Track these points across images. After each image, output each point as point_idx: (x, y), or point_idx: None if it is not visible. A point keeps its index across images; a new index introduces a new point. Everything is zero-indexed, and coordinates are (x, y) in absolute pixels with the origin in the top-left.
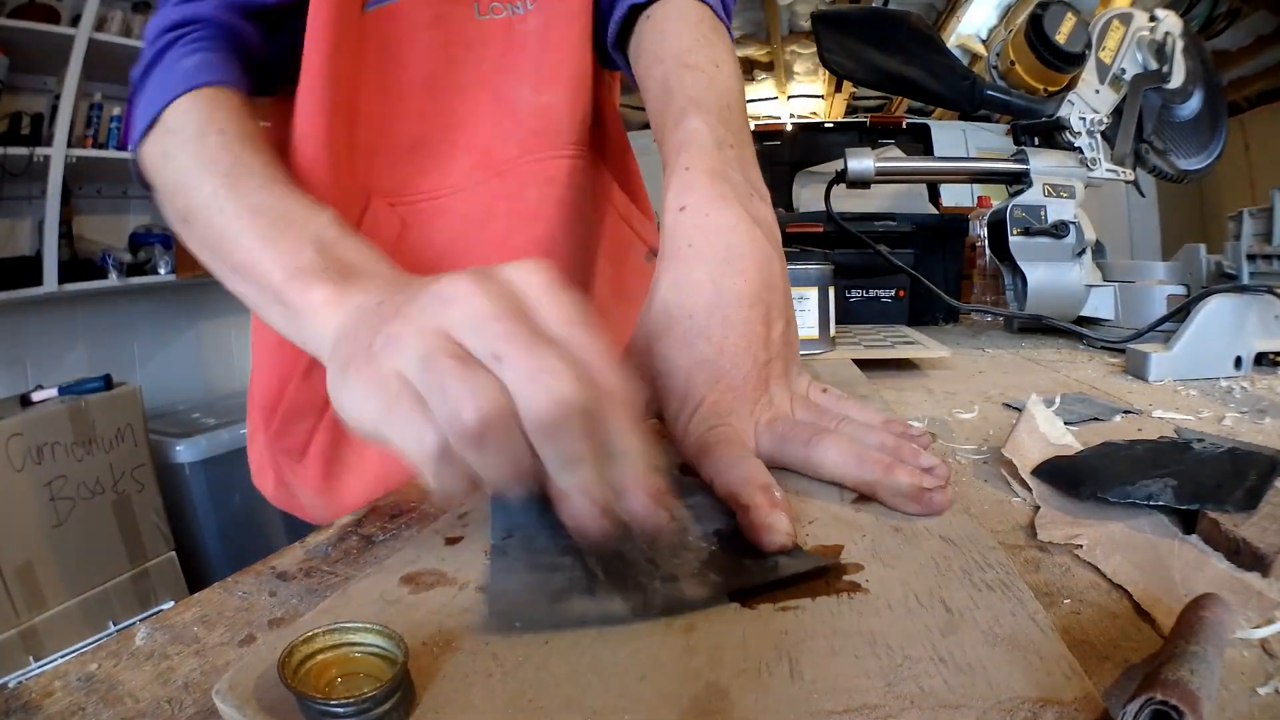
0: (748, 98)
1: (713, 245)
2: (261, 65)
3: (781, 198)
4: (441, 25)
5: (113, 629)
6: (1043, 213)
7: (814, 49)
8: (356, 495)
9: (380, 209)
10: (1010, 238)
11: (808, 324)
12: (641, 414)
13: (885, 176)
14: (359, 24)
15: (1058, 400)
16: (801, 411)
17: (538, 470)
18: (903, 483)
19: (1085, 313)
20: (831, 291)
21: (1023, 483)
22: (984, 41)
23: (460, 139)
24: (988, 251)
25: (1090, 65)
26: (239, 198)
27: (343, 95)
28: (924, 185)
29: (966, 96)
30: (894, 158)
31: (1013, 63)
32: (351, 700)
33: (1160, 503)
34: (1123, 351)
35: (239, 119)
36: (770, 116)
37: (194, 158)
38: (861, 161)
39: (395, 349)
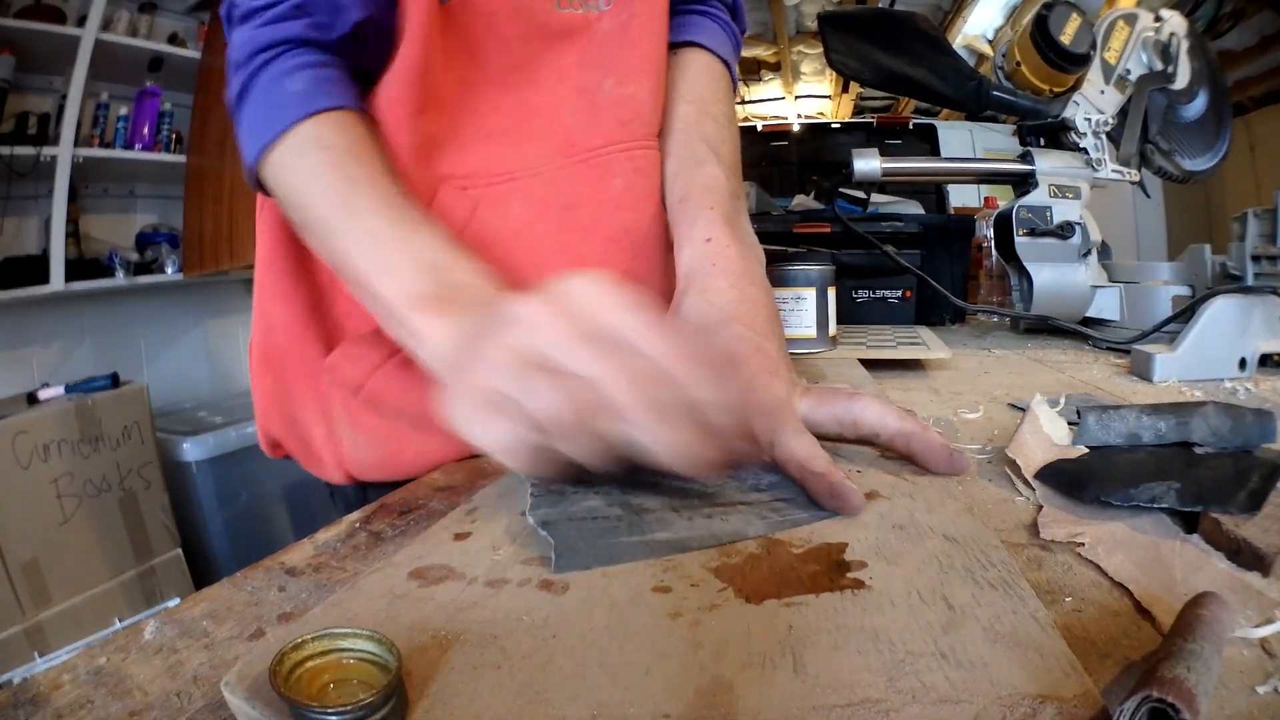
0: (754, 98)
1: (732, 266)
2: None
3: (788, 196)
4: (521, 18)
5: (118, 625)
6: (1048, 213)
7: (821, 49)
8: (424, 457)
9: (449, 193)
10: (1016, 238)
11: (805, 324)
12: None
13: (892, 177)
14: (440, 17)
15: (1062, 401)
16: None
17: (620, 451)
18: (936, 439)
19: (1091, 313)
20: (832, 292)
21: (1026, 482)
22: (990, 42)
23: (539, 126)
24: (994, 252)
25: (1095, 66)
26: (351, 222)
27: (423, 88)
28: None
29: (972, 97)
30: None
31: (1018, 63)
32: (347, 707)
33: (1164, 505)
34: (1128, 352)
35: (346, 132)
36: (777, 117)
37: (304, 176)
38: (868, 162)
39: (488, 368)
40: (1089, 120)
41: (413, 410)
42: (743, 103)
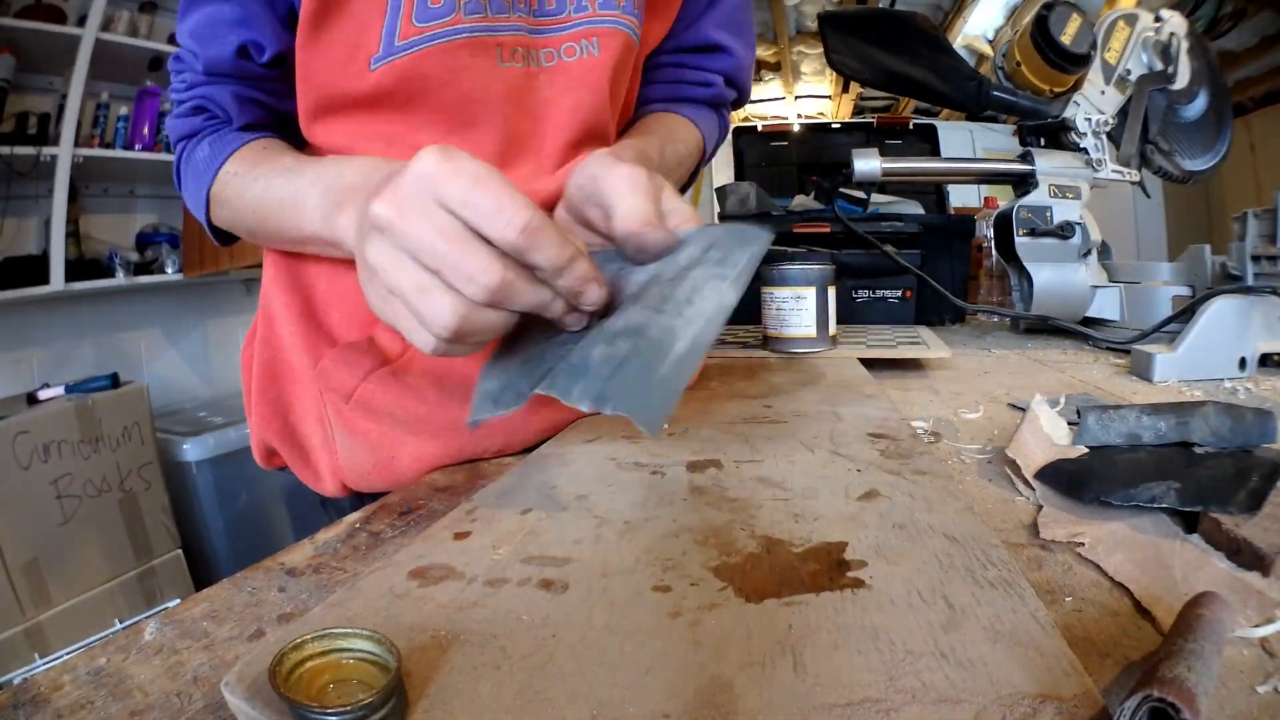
0: (754, 98)
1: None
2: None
3: (788, 196)
4: (457, 80)
5: (118, 626)
6: (1049, 213)
7: (821, 49)
8: (418, 464)
9: None
10: (1016, 238)
11: (805, 323)
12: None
13: (892, 177)
14: (361, 86)
15: (1062, 401)
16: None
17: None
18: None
19: (1091, 313)
20: (832, 291)
21: (1026, 482)
22: (990, 42)
23: (518, 152)
24: (994, 252)
25: (1095, 66)
26: (269, 199)
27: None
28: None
29: (973, 97)
30: (902, 171)
31: (1019, 63)
32: (347, 708)
33: (1164, 505)
34: (1128, 352)
35: (247, 153)
36: (777, 117)
37: (231, 198)
38: (868, 162)
39: (377, 273)
40: (1089, 120)
41: (405, 415)
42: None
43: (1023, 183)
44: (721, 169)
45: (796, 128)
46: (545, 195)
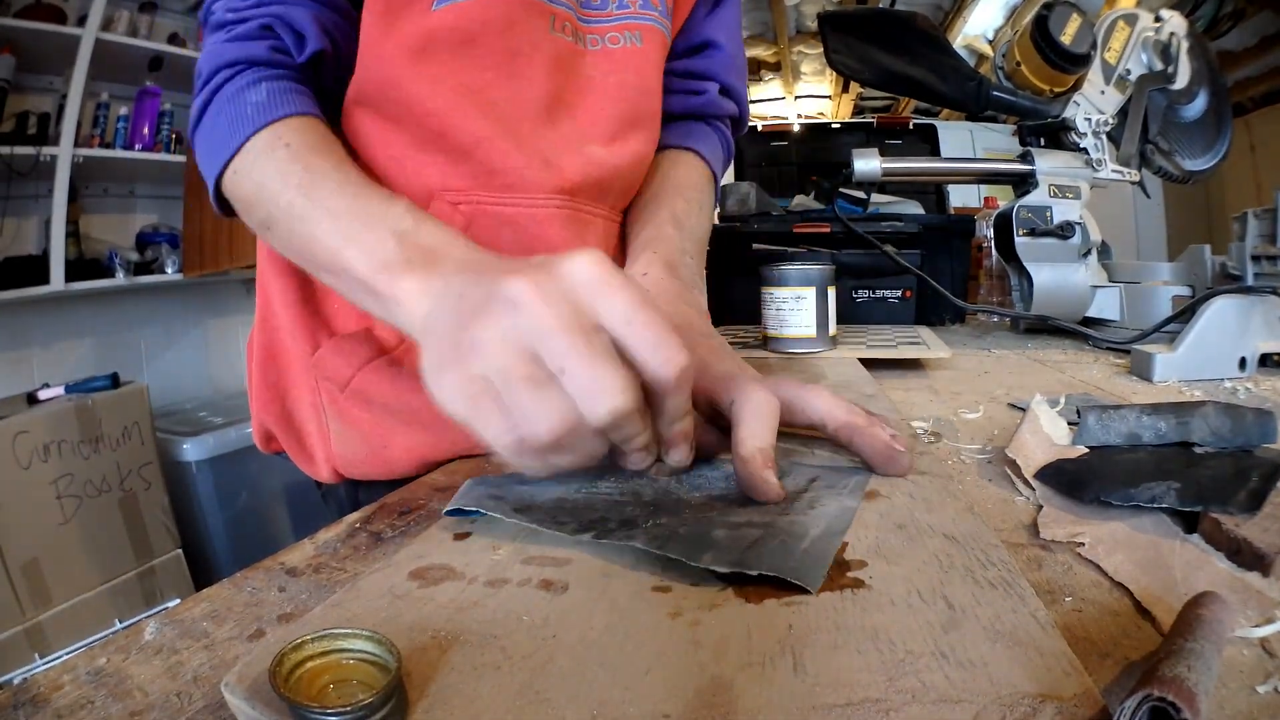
0: (754, 98)
1: (667, 291)
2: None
3: (788, 196)
4: (514, 33)
5: (119, 626)
6: (1048, 213)
7: (821, 49)
8: (412, 453)
9: (442, 206)
10: (1016, 238)
11: (805, 324)
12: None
13: (892, 177)
14: (424, 23)
15: (1062, 401)
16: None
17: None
18: (880, 434)
19: (1091, 313)
20: (831, 291)
21: (1026, 482)
22: (990, 42)
23: (523, 150)
24: (994, 252)
25: (1095, 66)
26: (315, 204)
27: (393, 99)
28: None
29: (973, 97)
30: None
31: (1019, 63)
32: (347, 708)
33: (1164, 505)
34: (1128, 352)
35: (304, 132)
36: (777, 117)
37: (265, 172)
38: (868, 162)
39: (478, 355)
40: (1089, 120)
41: (400, 406)
42: None
43: (1023, 183)
44: None
45: (796, 128)
46: (589, 162)
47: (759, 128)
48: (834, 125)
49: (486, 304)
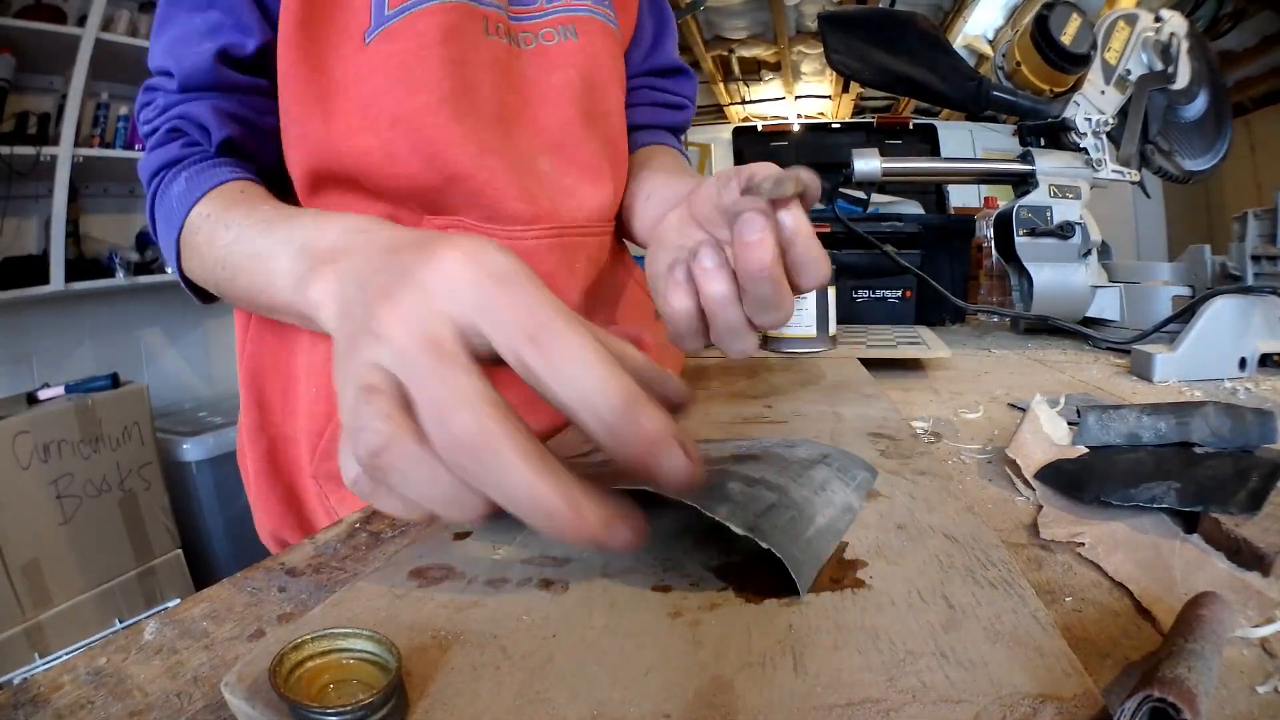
0: (754, 98)
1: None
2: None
3: None
4: (449, 43)
5: (119, 626)
6: (1049, 213)
7: (821, 49)
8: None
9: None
10: (1016, 238)
11: (805, 323)
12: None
13: (892, 177)
14: (359, 66)
15: (1062, 401)
16: None
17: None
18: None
19: (1091, 313)
20: (832, 292)
21: (1026, 482)
22: (990, 42)
23: (513, 181)
24: (994, 252)
25: (1096, 66)
26: (240, 255)
27: (363, 169)
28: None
29: (973, 97)
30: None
31: (1019, 63)
32: (347, 708)
33: (1164, 505)
34: (1128, 352)
35: (221, 196)
36: (777, 117)
37: (201, 249)
38: (868, 162)
39: (373, 343)
40: (1089, 120)
41: None
42: (743, 103)
43: (1023, 183)
44: (721, 167)
45: (796, 128)
46: (565, 196)
47: (759, 128)
48: (834, 125)
49: (389, 279)
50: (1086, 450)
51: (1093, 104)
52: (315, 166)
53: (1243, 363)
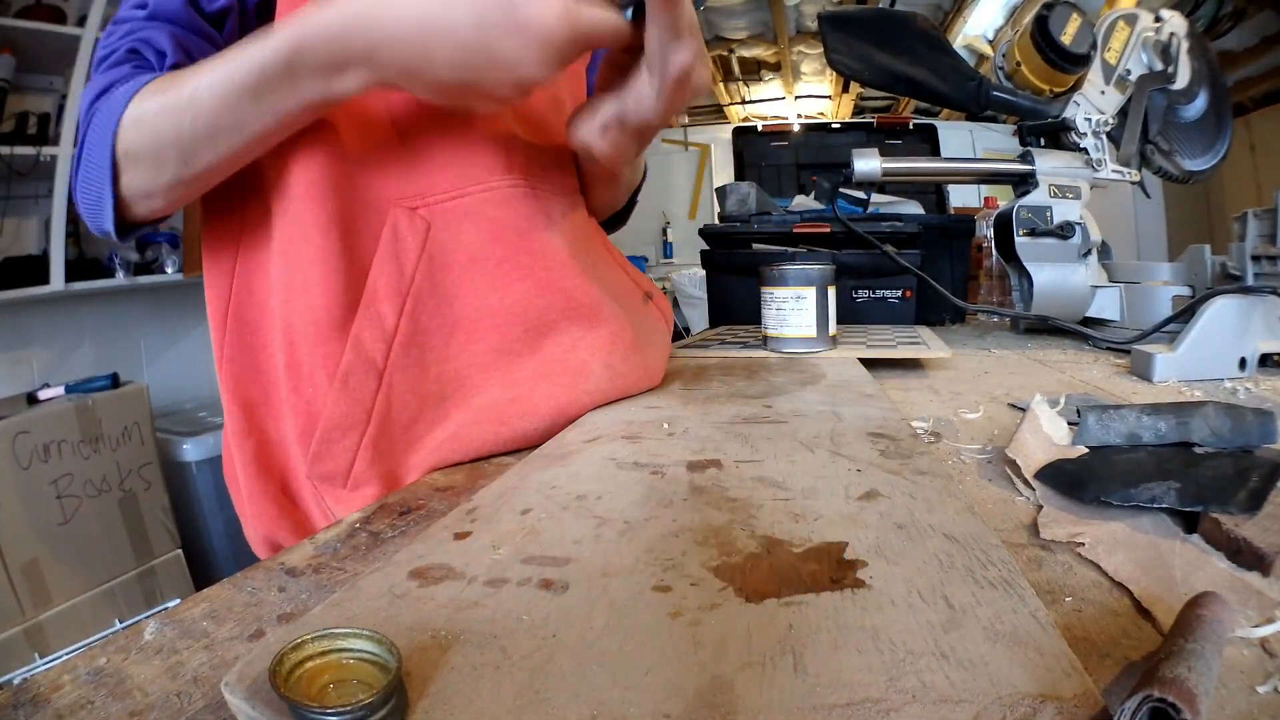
0: (754, 98)
1: None
2: None
3: (788, 196)
4: None
5: (119, 626)
6: (1049, 214)
7: (821, 49)
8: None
9: (400, 216)
10: (1016, 238)
11: (805, 323)
12: None
13: (892, 177)
14: None
15: (1062, 401)
16: None
17: None
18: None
19: (1091, 313)
20: (831, 291)
21: (1026, 482)
22: (990, 42)
23: (487, 146)
24: (994, 252)
25: (1095, 66)
26: (207, 85)
27: (340, 112)
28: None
29: (973, 97)
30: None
31: (1019, 63)
32: (347, 708)
33: (1164, 505)
34: (1128, 352)
35: (159, 81)
36: (777, 117)
37: (152, 121)
38: (868, 162)
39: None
40: (1089, 120)
41: (398, 469)
42: (743, 103)
43: (1023, 183)
44: (721, 169)
45: (796, 128)
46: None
47: (759, 128)
48: (834, 125)
49: None
50: (1086, 450)
51: (1093, 104)
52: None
53: (1243, 363)
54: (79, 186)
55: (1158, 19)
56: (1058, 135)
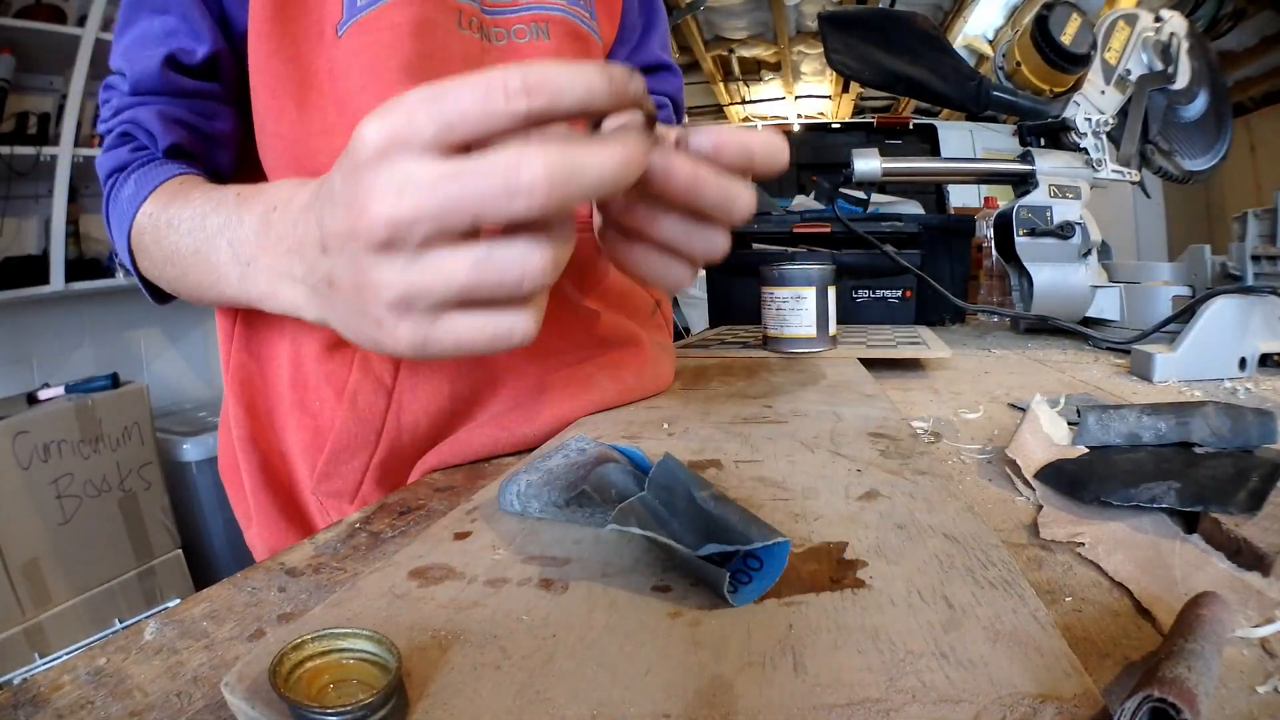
0: (754, 98)
1: None
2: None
3: (788, 196)
4: (421, 35)
5: (118, 626)
6: (1049, 213)
7: (821, 49)
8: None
9: None
10: (1016, 238)
11: (805, 323)
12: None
13: (892, 177)
14: (332, 59)
15: (1062, 401)
16: None
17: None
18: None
19: (1091, 313)
20: (832, 291)
21: (1026, 482)
22: (990, 42)
23: None
24: (994, 252)
25: (1095, 66)
26: (185, 253)
27: (318, 123)
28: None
29: (972, 97)
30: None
31: (1019, 63)
32: (347, 708)
33: (1164, 505)
34: (1128, 352)
35: (164, 194)
36: (777, 117)
37: (151, 250)
38: (868, 162)
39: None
40: (1089, 120)
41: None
42: (743, 103)
43: (1023, 183)
44: None
45: (796, 128)
46: None
47: (759, 128)
48: (834, 125)
49: (340, 188)
50: (1086, 450)
51: (1093, 104)
52: (290, 165)
53: (1243, 363)
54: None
55: (1158, 19)
56: (1058, 135)
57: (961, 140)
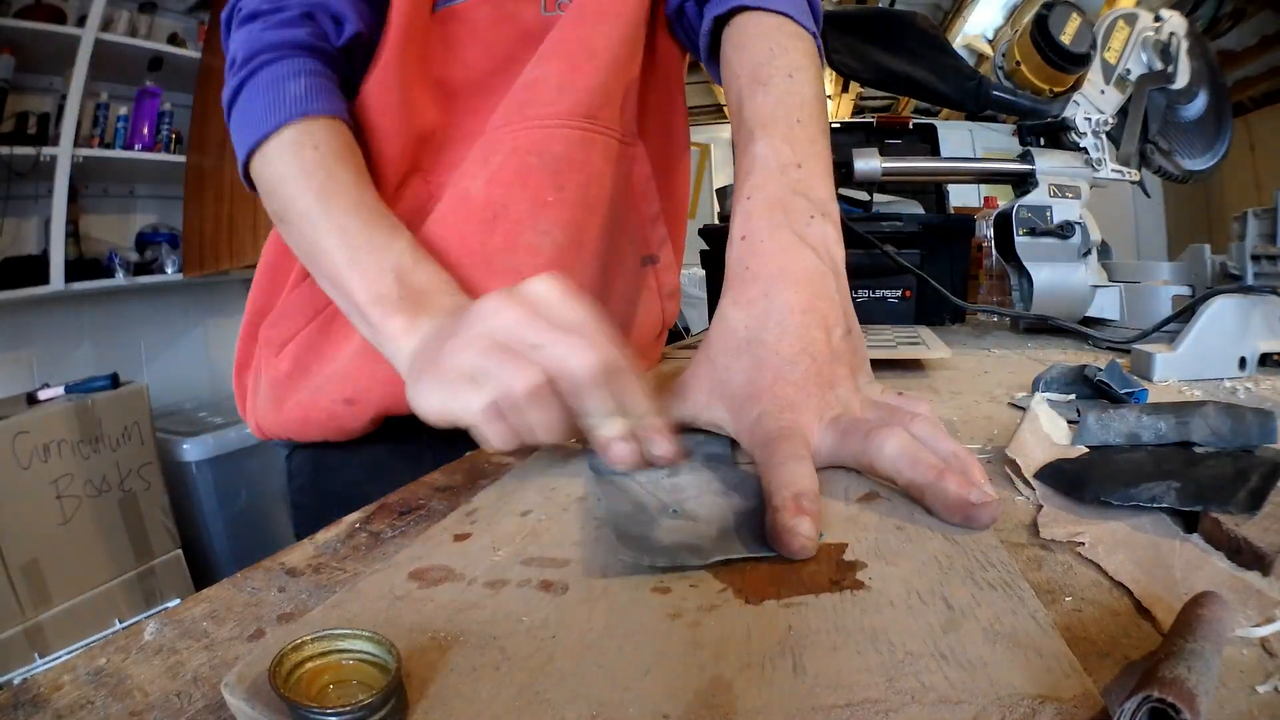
0: None
1: (766, 267)
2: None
3: None
4: (505, 23)
5: (119, 626)
6: (1048, 213)
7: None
8: (295, 412)
9: (417, 184)
10: (1016, 238)
11: None
12: (651, 393)
13: (892, 177)
14: (426, 26)
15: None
16: (870, 410)
17: (575, 428)
18: (950, 490)
19: (1091, 313)
20: None
21: (1026, 482)
22: (990, 42)
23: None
24: (994, 252)
25: (1095, 66)
26: (329, 216)
27: (405, 95)
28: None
29: (972, 97)
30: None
31: (1018, 63)
32: (347, 708)
33: (1164, 505)
34: (1128, 352)
35: (333, 137)
36: None
37: (290, 168)
38: (868, 162)
39: (452, 353)
40: (1089, 120)
41: (310, 366)
42: None
43: (1023, 182)
44: (722, 168)
45: None
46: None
47: None
48: (834, 125)
49: (462, 320)
50: (1086, 450)
51: (1093, 104)
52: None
53: (1243, 362)
54: (232, 123)
55: (1158, 19)
56: (1057, 135)
57: (961, 140)
